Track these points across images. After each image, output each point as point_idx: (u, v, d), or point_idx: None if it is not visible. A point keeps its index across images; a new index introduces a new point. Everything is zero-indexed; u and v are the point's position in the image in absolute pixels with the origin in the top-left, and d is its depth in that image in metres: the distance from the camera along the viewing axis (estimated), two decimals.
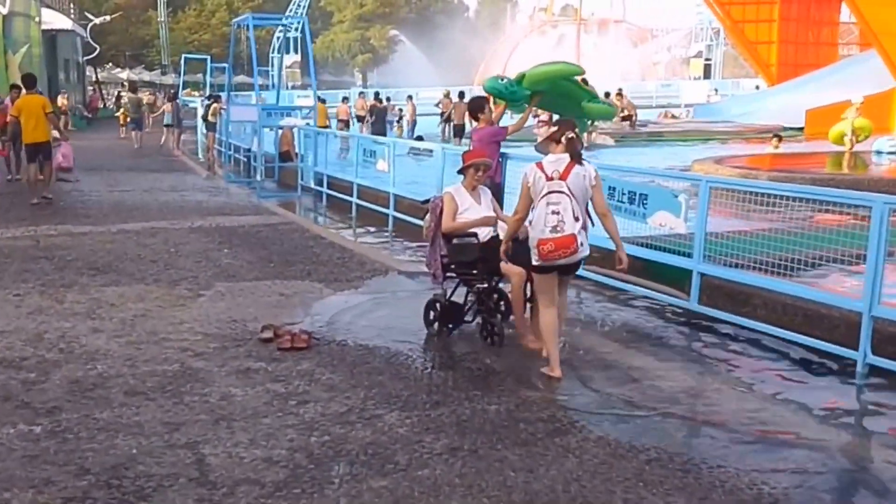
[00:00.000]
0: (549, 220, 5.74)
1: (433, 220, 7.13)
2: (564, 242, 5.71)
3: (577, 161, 5.84)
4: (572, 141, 5.86)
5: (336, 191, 16.14)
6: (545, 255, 5.78)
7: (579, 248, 5.76)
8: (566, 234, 5.71)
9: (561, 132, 5.92)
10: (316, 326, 7.26)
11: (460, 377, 6.00)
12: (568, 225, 5.71)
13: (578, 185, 5.79)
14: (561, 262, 5.83)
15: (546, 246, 5.74)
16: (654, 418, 5.27)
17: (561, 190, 5.76)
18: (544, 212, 5.77)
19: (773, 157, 17.75)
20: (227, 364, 6.21)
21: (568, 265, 5.95)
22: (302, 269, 9.59)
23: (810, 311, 7.04)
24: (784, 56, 42.91)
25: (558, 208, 5.73)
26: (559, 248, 5.72)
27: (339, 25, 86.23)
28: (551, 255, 5.76)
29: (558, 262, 5.83)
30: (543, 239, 5.75)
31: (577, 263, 6.03)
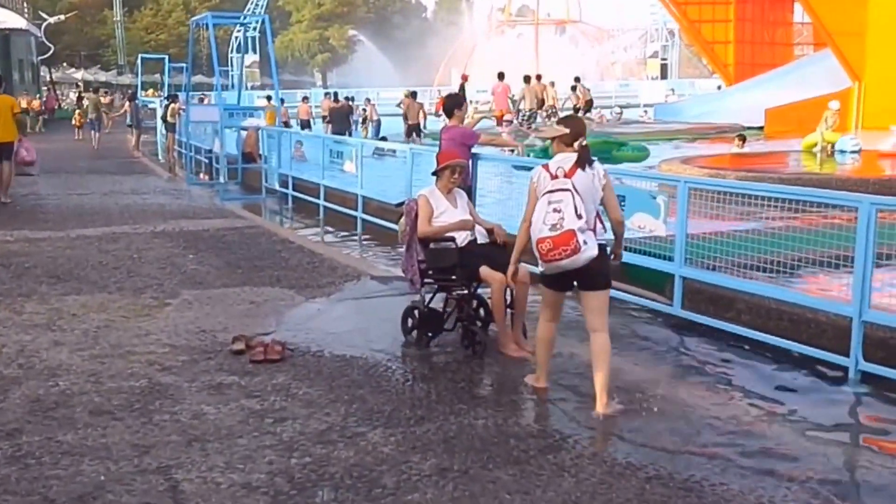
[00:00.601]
0: (548, 219, 5.17)
1: (408, 224, 6.89)
2: (562, 239, 5.09)
3: (583, 165, 5.34)
4: (585, 149, 5.41)
5: (302, 193, 15.82)
6: (544, 256, 5.19)
7: (581, 246, 5.08)
8: (564, 231, 5.09)
9: (573, 136, 5.45)
10: (289, 336, 6.97)
11: (443, 389, 5.76)
12: (567, 221, 5.10)
13: (586, 184, 5.26)
14: (563, 264, 5.16)
15: (543, 245, 5.16)
16: (647, 431, 5.06)
17: (565, 188, 5.20)
18: (545, 210, 5.20)
19: (741, 157, 17.76)
20: (197, 379, 5.90)
21: (580, 273, 5.28)
22: (271, 275, 9.29)
23: (796, 315, 6.90)
24: (741, 56, 43.14)
25: (559, 206, 5.16)
26: (558, 245, 5.10)
27: (297, 25, 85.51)
28: (551, 254, 5.14)
29: (562, 265, 5.17)
30: (541, 238, 5.18)
31: (593, 273, 5.29)
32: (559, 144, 5.47)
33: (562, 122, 5.70)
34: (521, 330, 6.69)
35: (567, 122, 5.65)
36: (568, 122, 5.62)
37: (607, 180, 5.43)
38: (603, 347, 5.37)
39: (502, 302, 6.51)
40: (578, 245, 5.11)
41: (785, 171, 14.56)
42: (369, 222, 12.91)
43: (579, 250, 5.12)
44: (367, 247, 11.99)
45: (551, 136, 5.55)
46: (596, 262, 5.23)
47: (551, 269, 5.29)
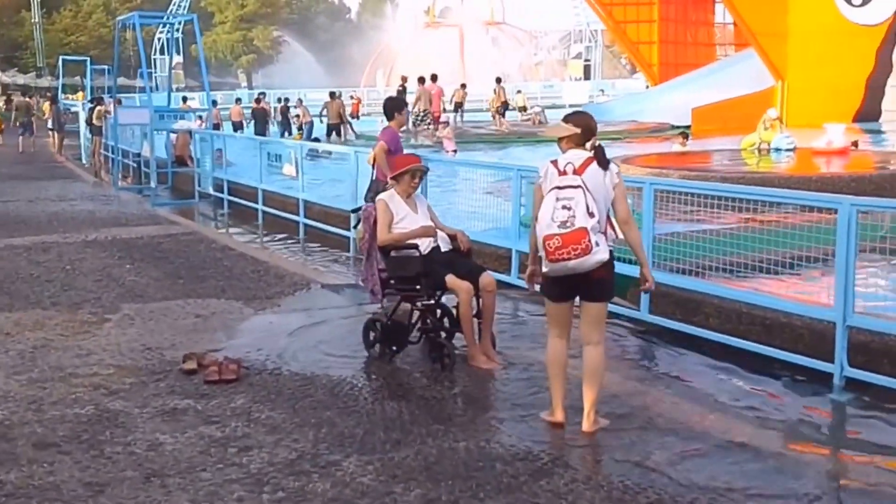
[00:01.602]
0: (557, 215, 4.73)
1: (367, 231, 6.54)
2: (573, 237, 4.67)
3: (601, 165, 4.92)
4: (600, 149, 5.00)
5: (238, 197, 15.27)
6: (552, 254, 4.73)
7: (592, 246, 4.67)
8: (576, 229, 4.68)
9: (585, 137, 4.98)
10: (242, 353, 6.55)
11: (416, 409, 5.41)
12: (579, 219, 4.69)
13: (597, 182, 4.83)
14: (572, 264, 4.73)
15: (552, 241, 4.71)
16: (638, 449, 4.79)
17: (575, 184, 4.78)
18: (553, 206, 4.77)
19: (682, 156, 17.78)
20: (148, 404, 5.45)
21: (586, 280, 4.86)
22: (215, 286, 8.82)
23: (769, 319, 6.74)
24: (665, 56, 43.68)
25: (570, 203, 4.73)
26: (567, 243, 4.67)
27: (220, 26, 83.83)
28: (559, 252, 4.70)
29: (570, 265, 4.74)
30: (549, 234, 4.73)
31: (600, 281, 4.90)
32: (568, 143, 5.01)
33: (570, 119, 5.13)
34: (489, 340, 6.39)
35: (577, 119, 5.10)
36: (578, 121, 5.08)
37: (620, 179, 5.00)
38: (597, 361, 5.06)
39: (470, 312, 6.20)
40: (590, 245, 4.69)
41: (728, 170, 14.57)
42: (311, 227, 12.48)
43: (590, 251, 4.70)
44: (312, 253, 11.56)
45: (561, 136, 5.06)
46: (604, 269, 4.84)
47: (557, 269, 4.83)
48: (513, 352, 6.53)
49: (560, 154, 5.05)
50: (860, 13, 31.15)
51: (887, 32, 31.41)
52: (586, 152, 4.97)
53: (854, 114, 30.71)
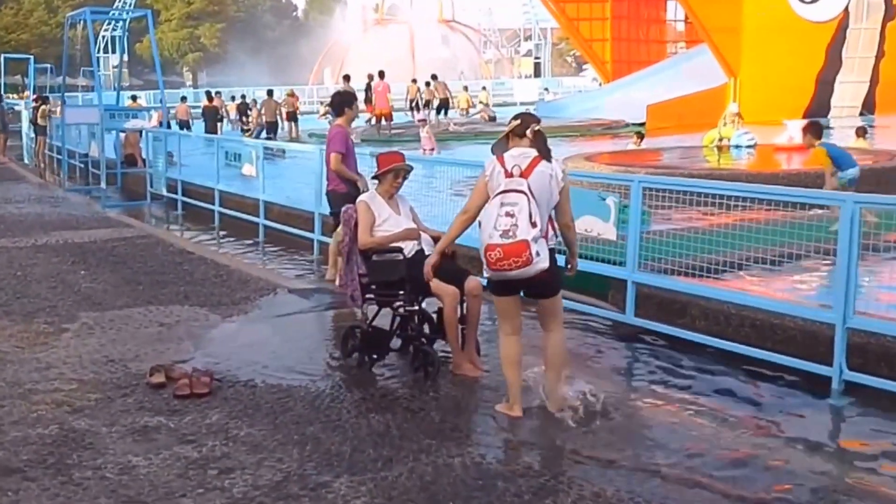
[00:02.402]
0: (500, 223, 4.76)
1: (347, 234, 6.22)
2: (514, 250, 4.73)
3: (545, 157, 4.95)
4: (539, 133, 4.99)
5: (193, 198, 14.79)
6: (493, 264, 4.81)
7: (533, 257, 4.74)
8: (517, 241, 4.73)
9: (524, 125, 5.02)
10: (211, 363, 6.20)
11: (403, 422, 5.11)
12: (521, 230, 4.74)
13: (542, 186, 4.87)
14: (512, 274, 4.82)
15: (493, 252, 4.77)
16: (641, 459, 4.56)
17: (520, 189, 4.80)
18: (496, 212, 4.80)
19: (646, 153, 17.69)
20: (117, 422, 5.07)
21: (529, 283, 4.94)
22: (177, 292, 8.42)
23: (759, 320, 6.56)
24: (618, 53, 43.78)
25: (513, 210, 4.77)
26: (508, 255, 4.74)
27: (166, 24, 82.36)
28: (500, 264, 4.77)
29: (510, 275, 4.83)
30: (491, 244, 4.78)
31: (543, 283, 4.98)
32: (513, 138, 5.05)
33: (515, 117, 5.22)
34: (474, 347, 6.12)
35: (519, 115, 5.25)
36: (519, 115, 5.24)
37: (566, 185, 5.06)
38: (557, 343, 5.16)
39: (455, 317, 5.92)
40: (530, 257, 4.76)
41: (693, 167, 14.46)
42: (272, 229, 12.08)
43: (531, 262, 4.77)
44: (274, 256, 11.17)
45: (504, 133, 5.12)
46: (546, 273, 4.89)
47: (497, 277, 4.94)
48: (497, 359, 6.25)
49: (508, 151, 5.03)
50: (811, 10, 31.45)
51: (837, 29, 31.74)
52: (532, 151, 4.95)
53: (804, 110, 30.95)
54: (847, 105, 31.78)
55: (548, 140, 5.13)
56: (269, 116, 26.44)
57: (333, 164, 8.66)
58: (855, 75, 31.97)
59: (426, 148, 19.81)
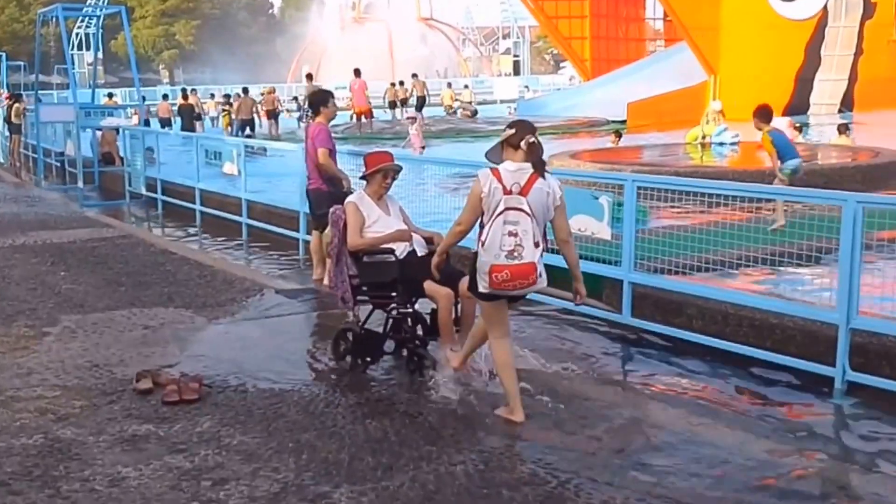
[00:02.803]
0: (505, 243, 4.73)
1: (336, 235, 6.05)
2: (523, 271, 4.74)
3: (540, 173, 4.84)
4: (534, 147, 4.85)
5: (173, 197, 14.53)
6: (497, 285, 4.80)
7: (538, 279, 4.81)
8: (525, 262, 4.73)
9: (519, 136, 4.88)
10: (199, 368, 6.02)
11: (401, 427, 4.96)
12: (528, 251, 4.73)
13: (540, 203, 4.82)
14: (515, 293, 4.93)
15: (500, 274, 4.74)
16: (651, 469, 4.42)
17: (520, 207, 4.75)
18: (500, 232, 4.74)
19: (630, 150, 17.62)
20: (104, 430, 4.89)
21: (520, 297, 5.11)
22: (160, 293, 8.22)
23: (757, 320, 6.45)
24: (597, 51, 43.80)
25: (517, 229, 4.73)
26: (516, 277, 4.75)
27: (141, 21, 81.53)
28: (505, 284, 4.79)
29: (512, 294, 4.93)
30: (498, 265, 4.74)
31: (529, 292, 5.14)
32: (507, 148, 4.93)
33: (510, 125, 5.07)
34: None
35: (514, 123, 5.10)
36: (514, 124, 5.07)
37: (562, 202, 4.98)
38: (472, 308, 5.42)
39: (450, 320, 5.78)
40: (536, 278, 4.81)
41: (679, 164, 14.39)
42: (255, 228, 11.88)
43: (535, 283, 4.84)
44: (258, 256, 10.94)
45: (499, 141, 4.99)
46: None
47: (497, 293, 4.91)
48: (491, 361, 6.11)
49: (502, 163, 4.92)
50: (790, 8, 31.55)
51: (815, 27, 31.86)
52: (528, 166, 4.84)
53: (784, 107, 31.02)
54: (826, 103, 31.91)
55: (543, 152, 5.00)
56: (245, 114, 26.29)
57: (321, 158, 8.51)
58: (834, 73, 32.11)
59: (415, 146, 19.60)
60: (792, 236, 6.85)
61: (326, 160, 8.52)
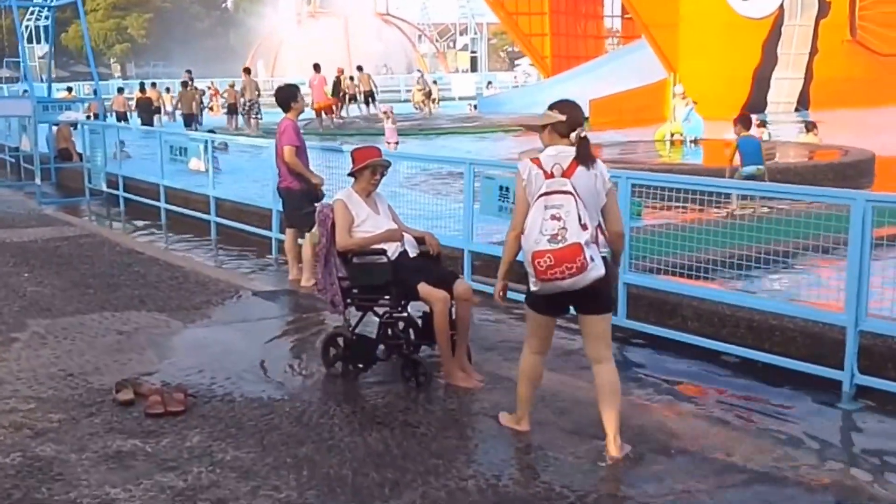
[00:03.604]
0: (546, 227, 4.22)
1: (324, 236, 5.78)
2: (567, 254, 4.16)
3: (585, 163, 4.34)
4: (584, 142, 4.41)
5: (136, 194, 14.09)
6: (543, 273, 4.22)
7: (588, 263, 4.18)
8: (569, 244, 4.17)
9: (570, 125, 4.39)
10: (181, 376, 5.72)
11: (403, 439, 4.71)
12: (571, 233, 4.18)
13: (587, 187, 4.30)
14: (565, 284, 4.23)
15: (542, 260, 4.19)
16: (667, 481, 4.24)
17: (564, 189, 4.26)
18: (540, 217, 4.26)
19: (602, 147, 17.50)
20: (86, 447, 4.57)
21: (581, 294, 4.32)
22: (131, 296, 7.87)
23: (755, 321, 6.32)
24: (557, 48, 43.71)
25: (559, 212, 4.22)
26: (560, 261, 4.17)
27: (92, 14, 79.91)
28: (551, 272, 4.19)
29: (563, 285, 4.24)
30: (539, 251, 4.21)
31: (597, 294, 4.38)
32: (551, 134, 4.44)
33: (556, 106, 4.55)
34: (465, 354, 5.74)
35: (562, 106, 4.53)
36: (564, 107, 4.52)
37: (612, 184, 4.51)
38: (612, 380, 4.54)
39: (447, 324, 5.53)
40: (585, 262, 4.18)
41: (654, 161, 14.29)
42: (224, 226, 11.52)
43: (586, 268, 4.20)
44: (229, 255, 10.61)
45: (543, 124, 4.48)
46: (600, 282, 4.32)
47: (547, 289, 4.32)
48: (488, 366, 5.90)
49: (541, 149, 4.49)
50: (748, 6, 31.73)
51: (772, 26, 32.09)
52: (570, 149, 4.39)
53: (742, 106, 31.19)
54: (783, 101, 32.17)
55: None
56: (186, 109, 25.62)
57: (287, 156, 8.26)
58: (790, 72, 32.37)
59: (389, 141, 19.31)
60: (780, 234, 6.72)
61: (292, 158, 8.26)
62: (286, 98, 8.60)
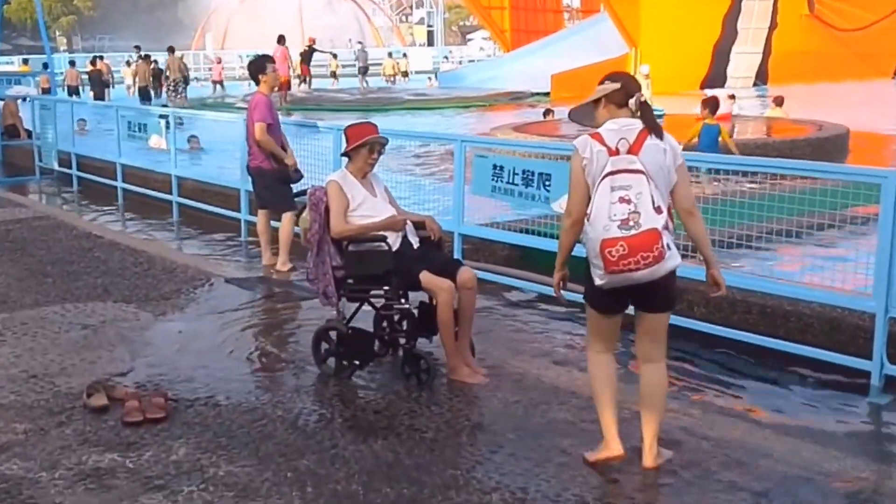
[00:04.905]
0: (615, 212, 3.70)
1: (316, 221, 5.29)
2: (643, 242, 3.66)
3: (655, 132, 3.85)
4: (646, 107, 3.92)
5: (90, 173, 13.37)
6: (615, 264, 3.69)
7: (665, 251, 3.70)
8: (645, 230, 3.67)
9: (625, 91, 3.92)
10: (155, 376, 5.22)
11: (414, 447, 4.27)
12: (646, 217, 3.68)
13: (657, 163, 3.80)
14: (640, 275, 3.70)
15: (615, 248, 3.67)
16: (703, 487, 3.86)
17: (632, 168, 3.76)
18: (608, 200, 3.74)
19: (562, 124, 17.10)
20: (59, 463, 4.06)
21: (649, 288, 3.81)
22: (93, 285, 7.31)
23: (769, 307, 5.96)
24: (516, 22, 43.24)
25: (629, 194, 3.72)
26: (636, 249, 3.66)
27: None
28: (624, 262, 3.67)
29: (637, 276, 3.71)
30: (610, 239, 3.69)
31: (663, 288, 3.87)
32: (608, 106, 3.95)
33: (606, 78, 4.05)
34: (468, 347, 5.31)
35: (614, 76, 4.05)
36: (615, 76, 4.05)
37: (682, 159, 3.95)
38: (660, 383, 4.07)
39: (451, 316, 5.09)
40: (663, 251, 3.68)
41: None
42: (188, 207, 10.92)
43: (663, 257, 3.69)
44: (193, 238, 10.01)
45: (596, 98, 3.98)
46: (670, 276, 3.84)
47: (617, 281, 3.77)
48: (490, 359, 5.48)
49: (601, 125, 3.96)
50: None
51: (733, 0, 31.94)
52: (637, 121, 3.89)
53: (702, 80, 31.15)
54: (742, 76, 32.10)
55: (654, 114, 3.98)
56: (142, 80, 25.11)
57: (258, 133, 7.74)
58: (749, 46, 32.27)
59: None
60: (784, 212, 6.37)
61: (264, 136, 7.74)
62: (255, 71, 8.10)
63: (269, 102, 7.97)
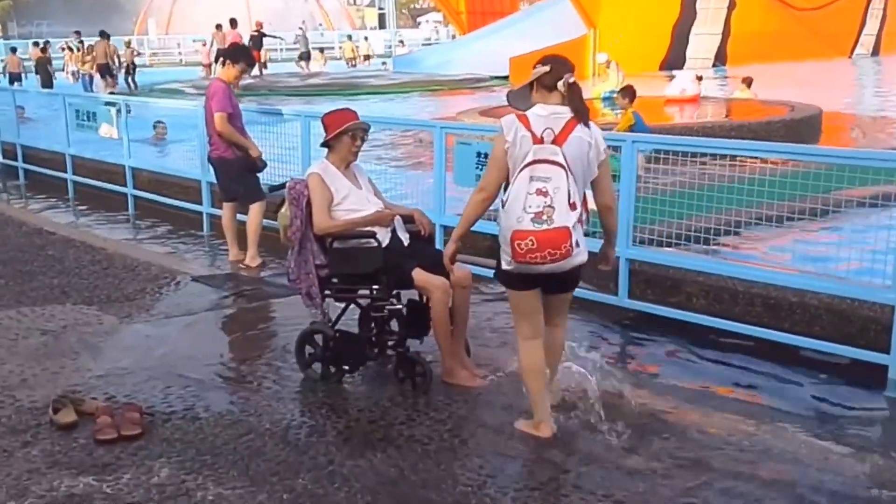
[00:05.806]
0: (530, 204, 3.75)
1: (298, 216, 4.90)
2: (552, 239, 3.73)
3: (582, 120, 3.87)
4: (575, 89, 3.87)
5: (37, 165, 12.72)
6: (521, 257, 3.78)
7: (573, 248, 3.77)
8: (556, 227, 3.73)
9: (555, 74, 3.89)
10: (130, 387, 4.82)
11: (418, 461, 3.92)
12: (559, 214, 3.74)
13: (579, 157, 3.84)
14: (544, 268, 3.82)
15: (524, 242, 3.74)
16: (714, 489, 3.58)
17: (554, 159, 3.77)
18: (525, 190, 3.77)
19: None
20: (28, 490, 3.64)
21: (559, 277, 3.95)
22: (50, 286, 6.84)
23: (773, 298, 5.69)
24: (472, 4, 42.81)
25: (546, 186, 3.75)
26: (543, 246, 3.74)
27: None
28: (531, 256, 3.76)
29: (541, 270, 3.83)
30: (521, 231, 3.75)
31: (574, 278, 4.10)
32: (540, 90, 3.94)
33: (539, 61, 4.02)
34: (464, 348, 4.98)
35: (545, 59, 4.03)
36: (546, 59, 4.02)
37: (606, 155, 4.05)
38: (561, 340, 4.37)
39: (447, 316, 4.75)
40: (570, 249, 3.79)
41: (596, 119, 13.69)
42: (143, 199, 10.39)
43: (570, 254, 3.81)
44: (154, 233, 9.45)
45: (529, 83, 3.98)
46: (579, 266, 3.99)
47: (522, 269, 3.90)
48: (487, 360, 5.14)
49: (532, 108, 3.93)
50: None
51: None
52: (566, 110, 3.87)
53: (661, 61, 31.05)
54: (701, 57, 32.02)
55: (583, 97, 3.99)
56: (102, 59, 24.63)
57: (219, 125, 7.30)
58: (708, 27, 32.24)
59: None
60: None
61: (224, 126, 7.30)
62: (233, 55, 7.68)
63: (228, 90, 7.52)
